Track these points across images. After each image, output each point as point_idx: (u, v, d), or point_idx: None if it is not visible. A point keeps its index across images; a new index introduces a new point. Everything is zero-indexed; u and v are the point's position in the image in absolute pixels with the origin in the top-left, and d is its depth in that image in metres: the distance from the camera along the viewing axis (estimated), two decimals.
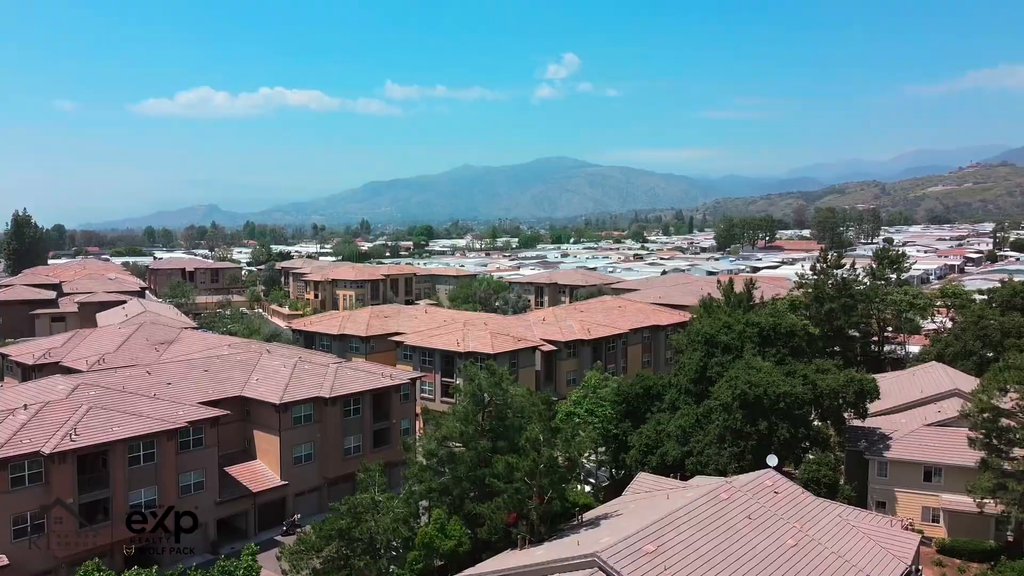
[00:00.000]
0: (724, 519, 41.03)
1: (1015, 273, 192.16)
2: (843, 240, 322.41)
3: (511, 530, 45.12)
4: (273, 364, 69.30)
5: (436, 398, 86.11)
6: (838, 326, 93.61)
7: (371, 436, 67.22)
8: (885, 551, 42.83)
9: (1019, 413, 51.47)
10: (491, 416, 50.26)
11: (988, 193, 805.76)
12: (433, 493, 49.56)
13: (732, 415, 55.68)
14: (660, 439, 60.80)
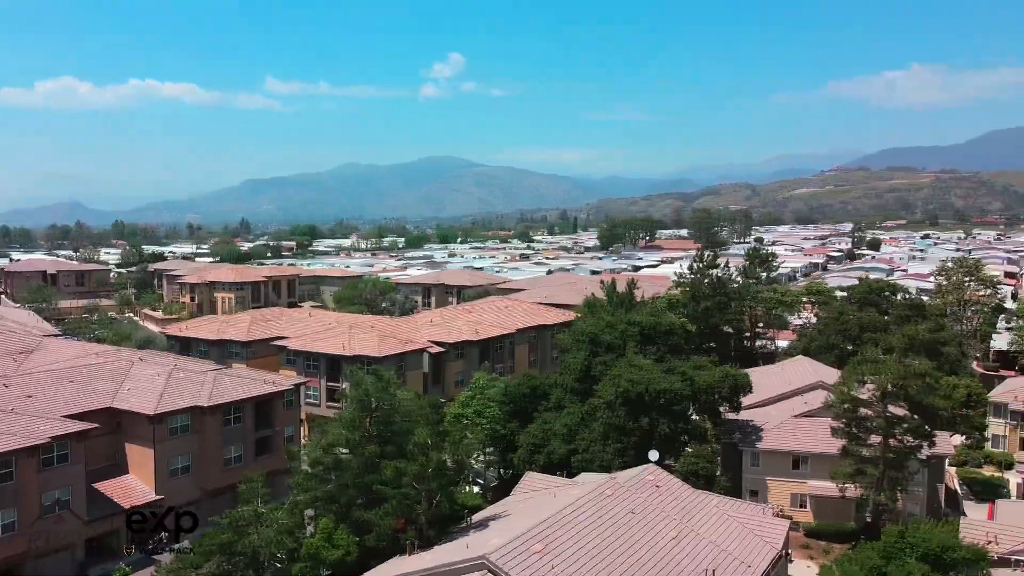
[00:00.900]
0: (609, 515, 42.20)
1: (871, 271, 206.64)
2: (718, 240, 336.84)
3: (400, 536, 44.79)
4: (146, 372, 65.94)
5: (322, 403, 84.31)
6: (714, 323, 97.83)
7: (253, 445, 65.10)
8: (758, 538, 45.20)
9: (876, 403, 55.47)
10: (378, 421, 49.71)
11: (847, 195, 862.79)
12: (319, 502, 48.55)
13: (616, 412, 57.26)
14: (547, 438, 61.81)
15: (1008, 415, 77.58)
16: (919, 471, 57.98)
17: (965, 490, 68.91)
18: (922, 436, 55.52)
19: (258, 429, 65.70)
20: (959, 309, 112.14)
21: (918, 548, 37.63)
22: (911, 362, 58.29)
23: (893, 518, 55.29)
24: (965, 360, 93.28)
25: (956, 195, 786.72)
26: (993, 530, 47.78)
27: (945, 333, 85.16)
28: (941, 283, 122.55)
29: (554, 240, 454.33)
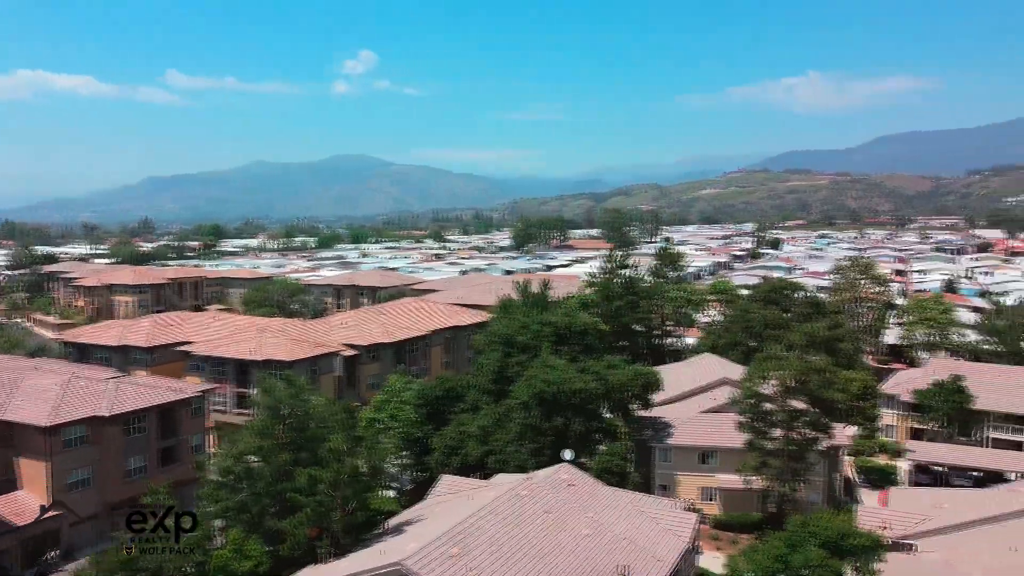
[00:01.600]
0: (525, 515, 42.60)
1: (773, 269, 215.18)
2: (628, 239, 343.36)
3: (314, 544, 44.01)
4: (41, 382, 62.61)
5: (230, 410, 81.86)
6: (625, 322, 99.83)
7: (158, 455, 62.78)
8: (669, 532, 46.44)
9: (778, 398, 57.82)
10: (291, 428, 48.68)
11: (750, 196, 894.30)
12: (230, 512, 47.19)
13: (530, 413, 57.79)
14: (462, 440, 61.85)
15: (898, 406, 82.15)
16: (818, 462, 60.69)
17: (861, 478, 72.61)
18: (821, 428, 58.21)
19: (163, 438, 63.36)
20: (854, 306, 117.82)
21: (819, 537, 39.49)
22: (811, 358, 61.13)
23: (795, 508, 57.78)
24: (859, 354, 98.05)
25: (850, 197, 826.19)
26: (886, 516, 50.64)
27: (841, 330, 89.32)
28: (837, 281, 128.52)
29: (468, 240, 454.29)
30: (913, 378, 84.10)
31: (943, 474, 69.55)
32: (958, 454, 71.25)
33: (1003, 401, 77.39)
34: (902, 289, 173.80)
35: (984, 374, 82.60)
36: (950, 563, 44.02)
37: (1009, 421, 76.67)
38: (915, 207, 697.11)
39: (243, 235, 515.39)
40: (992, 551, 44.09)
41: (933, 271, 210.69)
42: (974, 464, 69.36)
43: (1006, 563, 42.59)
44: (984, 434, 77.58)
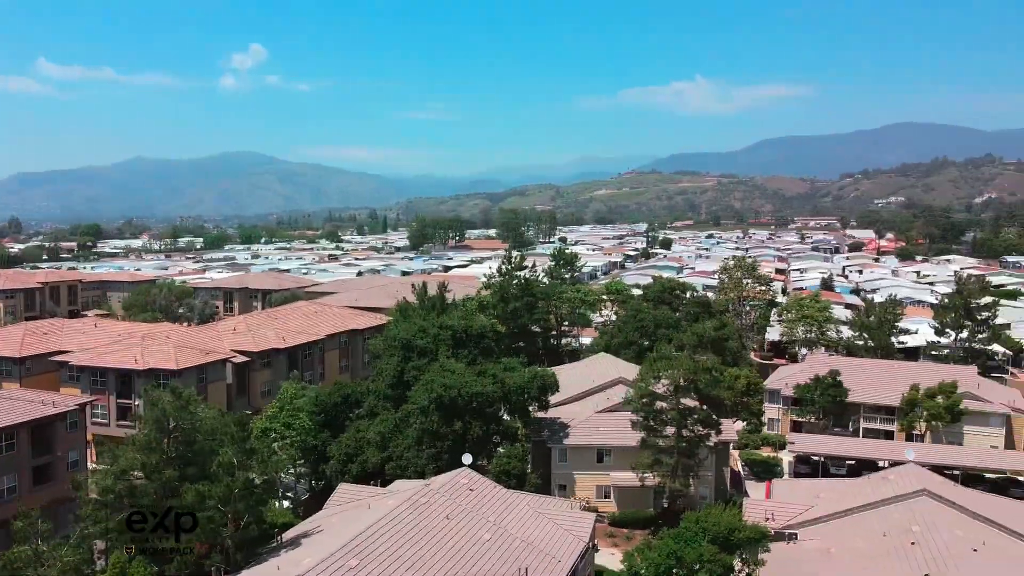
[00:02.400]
0: (424, 522, 42.36)
1: (664, 269, 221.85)
2: (525, 239, 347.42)
3: (204, 562, 42.37)
4: None
5: (111, 423, 77.69)
6: (522, 323, 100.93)
7: (30, 474, 58.81)
8: (567, 532, 47.19)
9: (670, 397, 59.71)
10: (178, 442, 46.62)
11: (642, 196, 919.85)
12: (112, 533, 44.71)
13: (429, 418, 57.56)
14: (360, 446, 60.97)
15: (781, 400, 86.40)
16: (708, 457, 63.10)
17: (747, 471, 75.90)
18: (711, 425, 60.51)
19: (36, 456, 59.42)
20: (739, 305, 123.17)
21: (709, 532, 41.06)
22: (700, 358, 63.43)
23: (687, 503, 59.89)
24: (744, 351, 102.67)
25: (735, 198, 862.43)
26: (770, 507, 53.10)
27: (728, 330, 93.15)
28: (724, 281, 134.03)
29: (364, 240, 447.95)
30: (794, 373, 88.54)
31: (821, 464, 73.55)
32: (834, 444, 75.55)
33: (874, 393, 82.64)
34: (783, 287, 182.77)
35: (857, 368, 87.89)
36: (828, 550, 46.61)
37: (879, 412, 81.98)
38: (794, 208, 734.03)
39: (124, 235, 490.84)
40: (866, 537, 46.98)
41: (811, 270, 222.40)
42: (849, 453, 73.73)
43: (878, 548, 45.44)
44: (857, 424, 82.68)
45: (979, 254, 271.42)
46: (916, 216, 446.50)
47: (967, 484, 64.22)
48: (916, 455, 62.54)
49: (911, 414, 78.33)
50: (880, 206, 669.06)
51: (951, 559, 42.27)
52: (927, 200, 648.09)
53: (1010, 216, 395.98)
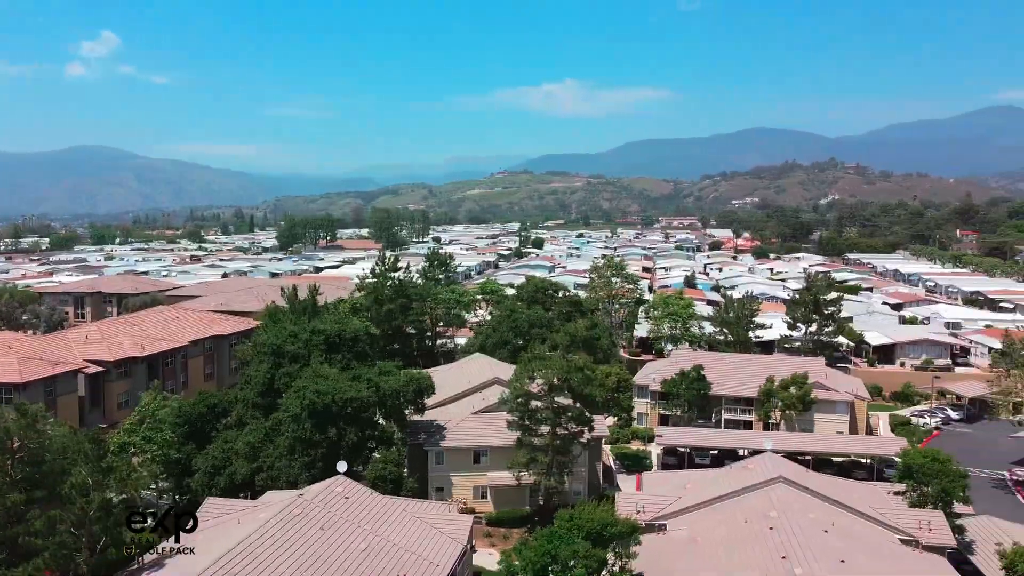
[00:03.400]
0: (299, 535, 41.21)
1: (536, 268, 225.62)
2: (398, 239, 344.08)
3: None
4: None
5: None
6: (397, 325, 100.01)
7: None
8: (445, 536, 47.16)
9: (544, 396, 60.75)
10: (23, 463, 43.15)
11: (514, 196, 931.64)
12: None
13: (302, 425, 55.99)
14: (228, 458, 58.56)
15: (649, 395, 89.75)
16: (581, 453, 64.67)
17: (618, 465, 78.39)
18: (584, 422, 62.02)
19: None
20: (608, 303, 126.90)
21: (583, 529, 42.09)
22: (573, 357, 64.85)
23: (562, 499, 61.12)
24: (614, 349, 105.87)
25: (603, 198, 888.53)
26: (641, 500, 55.05)
27: (599, 329, 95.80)
28: (594, 280, 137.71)
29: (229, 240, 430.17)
30: (660, 369, 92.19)
31: (687, 455, 76.98)
32: (699, 436, 79.26)
33: (734, 386, 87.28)
34: (649, 285, 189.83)
35: (719, 362, 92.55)
36: (695, 539, 48.87)
37: (739, 403, 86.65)
38: (659, 208, 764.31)
39: None
40: (728, 524, 49.55)
41: (675, 268, 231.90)
42: (712, 444, 77.58)
43: (740, 534, 48.04)
44: (720, 416, 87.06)
45: (825, 252, 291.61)
46: (769, 216, 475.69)
47: (817, 468, 68.94)
48: (772, 443, 66.50)
49: (767, 404, 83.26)
50: (737, 206, 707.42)
51: (805, 541, 45.23)
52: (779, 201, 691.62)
53: (851, 216, 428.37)
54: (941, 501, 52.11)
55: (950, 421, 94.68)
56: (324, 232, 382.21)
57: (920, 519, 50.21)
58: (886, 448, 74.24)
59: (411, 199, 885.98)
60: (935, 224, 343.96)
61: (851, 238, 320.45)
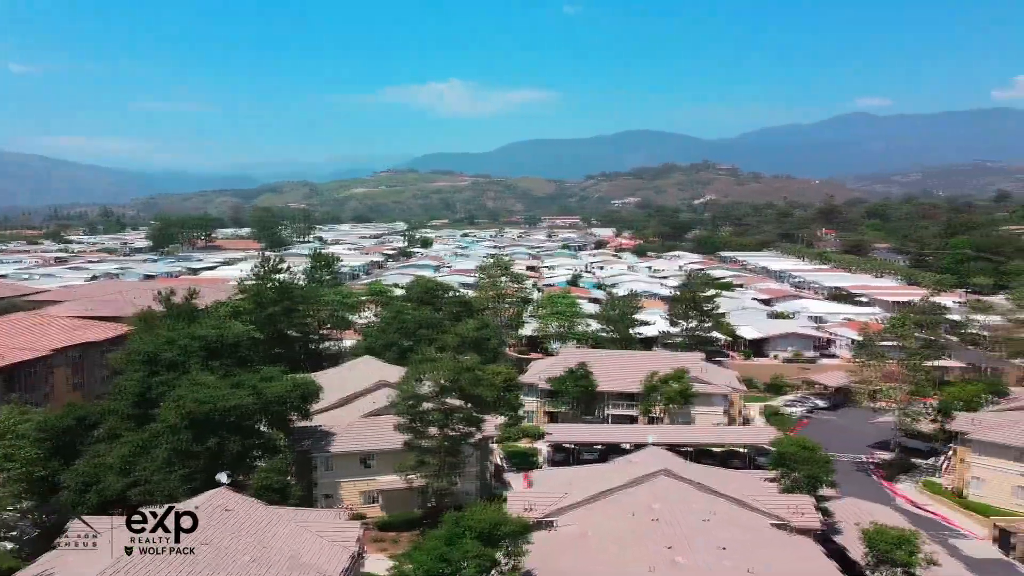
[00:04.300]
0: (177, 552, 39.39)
1: (424, 268, 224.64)
2: (280, 239, 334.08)
3: None
4: None
5: None
6: (280, 328, 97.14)
7: None
8: (334, 543, 46.27)
9: (434, 398, 60.61)
10: None
11: (400, 195, 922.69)
12: None
13: (180, 436, 53.60)
14: (99, 473, 55.26)
15: (537, 393, 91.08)
16: (472, 454, 64.93)
17: (507, 463, 79.15)
18: (474, 423, 62.30)
19: None
20: (496, 303, 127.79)
21: (474, 530, 42.28)
22: (462, 358, 64.99)
23: (453, 500, 61.10)
24: (503, 348, 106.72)
25: (489, 197, 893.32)
26: (531, 497, 55.85)
27: (488, 330, 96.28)
28: (481, 279, 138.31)
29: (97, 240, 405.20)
30: (548, 367, 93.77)
31: (575, 451, 78.60)
32: (585, 432, 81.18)
33: (618, 382, 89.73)
34: (536, 284, 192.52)
35: (603, 359, 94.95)
36: (584, 533, 50.03)
37: (623, 399, 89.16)
38: (543, 207, 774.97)
39: None
40: (615, 517, 51.03)
41: (560, 267, 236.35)
42: (598, 439, 79.60)
43: (626, 527, 49.55)
44: (605, 411, 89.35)
45: (701, 250, 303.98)
46: (650, 216, 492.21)
47: (697, 459, 71.95)
48: (655, 437, 68.97)
49: (650, 399, 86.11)
50: (619, 206, 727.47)
51: (687, 530, 47.18)
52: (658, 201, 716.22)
53: (724, 216, 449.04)
54: (810, 486, 55.46)
55: (816, 409, 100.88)
56: (201, 232, 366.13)
57: (791, 504, 53.31)
58: (760, 437, 78.33)
59: (293, 197, 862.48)
60: (801, 223, 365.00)
61: (725, 237, 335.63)
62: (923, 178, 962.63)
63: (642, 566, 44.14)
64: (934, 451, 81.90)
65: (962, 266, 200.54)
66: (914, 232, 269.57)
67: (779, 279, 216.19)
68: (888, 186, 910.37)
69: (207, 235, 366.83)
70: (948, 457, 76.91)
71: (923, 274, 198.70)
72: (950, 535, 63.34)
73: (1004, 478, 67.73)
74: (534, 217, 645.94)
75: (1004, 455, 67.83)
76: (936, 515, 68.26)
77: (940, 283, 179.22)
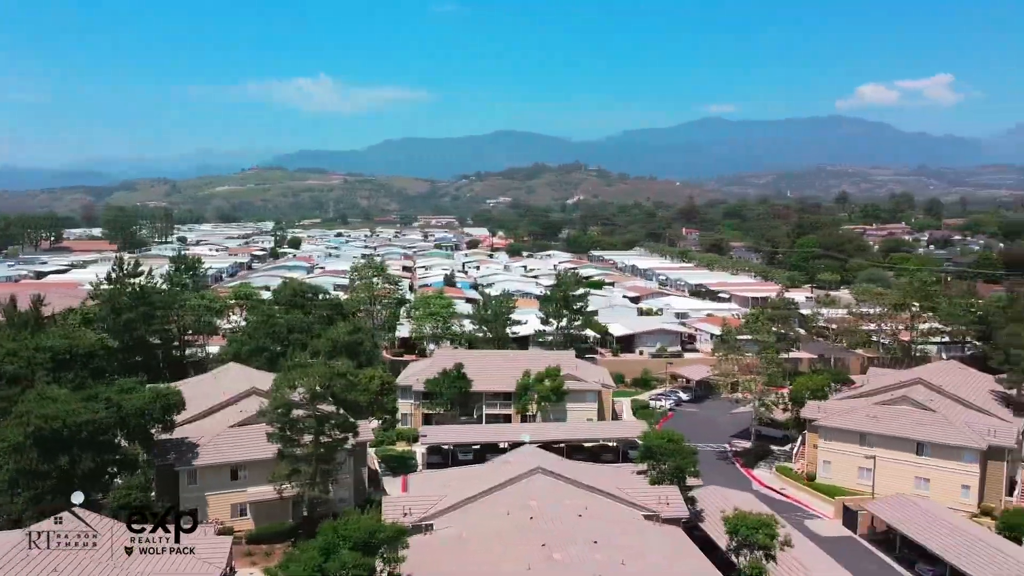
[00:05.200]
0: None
1: (294, 269, 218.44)
2: (137, 240, 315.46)
3: None
4: None
5: None
6: (139, 336, 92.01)
7: None
8: (202, 561, 44.33)
9: (307, 404, 59.05)
10: None
11: (267, 194, 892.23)
12: None
13: (26, 455, 49.79)
14: None
15: (412, 395, 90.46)
16: (346, 460, 63.73)
17: (384, 468, 78.25)
18: (348, 429, 61.12)
19: None
20: (370, 304, 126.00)
21: (350, 539, 41.53)
22: (335, 363, 63.72)
23: (327, 509, 59.83)
24: (377, 351, 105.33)
25: (361, 196, 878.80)
26: (407, 502, 55.45)
27: (361, 334, 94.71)
28: (355, 281, 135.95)
29: None
30: (423, 368, 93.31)
31: (451, 452, 78.67)
32: (461, 433, 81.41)
33: (493, 381, 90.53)
34: (410, 285, 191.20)
35: (479, 359, 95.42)
36: (461, 535, 50.18)
37: (498, 398, 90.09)
38: (417, 207, 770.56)
39: None
40: (493, 517, 51.48)
41: (435, 267, 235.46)
42: (474, 439, 80.00)
43: (504, 526, 50.11)
44: (481, 411, 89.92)
45: (572, 249, 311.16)
46: (522, 215, 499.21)
47: (571, 455, 73.74)
48: (530, 435, 70.04)
49: (524, 397, 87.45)
50: (491, 206, 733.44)
51: (562, 526, 48.29)
52: (530, 201, 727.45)
53: (594, 216, 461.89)
54: (676, 477, 57.97)
55: (681, 402, 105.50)
56: (47, 232, 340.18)
57: (659, 495, 55.56)
58: (629, 431, 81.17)
59: (151, 195, 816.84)
60: (665, 223, 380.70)
61: (594, 236, 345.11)
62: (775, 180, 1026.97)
63: (519, 565, 44.77)
64: (788, 438, 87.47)
65: (810, 263, 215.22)
66: (768, 232, 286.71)
67: (646, 277, 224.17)
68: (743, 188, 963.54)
69: (54, 235, 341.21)
70: (800, 443, 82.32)
71: (776, 271, 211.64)
72: (803, 516, 67.87)
73: (849, 460, 73.22)
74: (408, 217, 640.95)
75: (848, 439, 73.37)
76: (790, 498, 72.96)
77: (791, 280, 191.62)
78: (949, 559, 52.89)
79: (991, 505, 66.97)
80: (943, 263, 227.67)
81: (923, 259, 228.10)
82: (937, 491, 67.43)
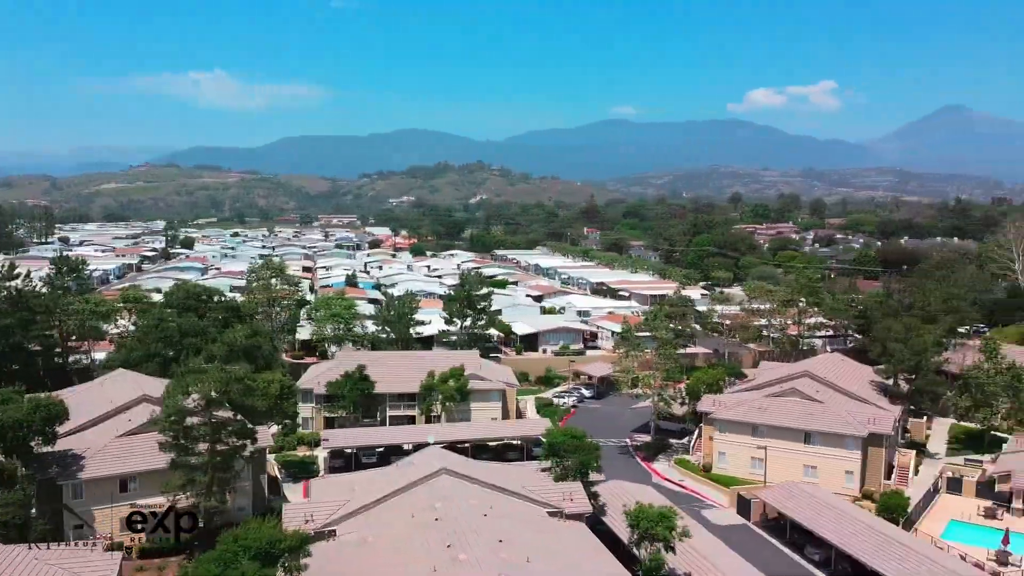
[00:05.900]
0: None
1: (187, 270, 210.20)
2: (14, 240, 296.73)
3: None
4: None
5: None
6: (16, 343, 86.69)
7: None
8: None
9: (202, 411, 56.90)
10: None
11: (159, 192, 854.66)
12: None
13: None
14: None
15: (314, 399, 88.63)
16: (244, 468, 61.77)
17: (284, 474, 76.30)
18: (246, 435, 59.26)
19: None
20: (269, 306, 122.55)
21: (250, 549, 40.28)
22: (232, 368, 61.63)
23: (225, 519, 57.78)
24: (276, 354, 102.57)
25: (259, 195, 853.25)
26: (309, 508, 54.30)
27: (260, 337, 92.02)
28: (252, 283, 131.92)
29: None
30: (325, 371, 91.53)
31: (354, 456, 77.43)
32: (365, 436, 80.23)
33: (397, 383, 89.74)
34: (311, 286, 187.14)
35: (382, 360, 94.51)
36: (365, 540, 49.49)
37: (403, 400, 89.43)
38: (317, 206, 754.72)
39: None
40: (397, 521, 50.99)
41: (336, 267, 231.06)
42: (378, 442, 79.01)
43: (409, 529, 49.69)
44: (385, 414, 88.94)
45: (476, 248, 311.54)
46: (425, 215, 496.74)
47: (476, 455, 73.84)
48: (435, 436, 69.80)
49: (429, 398, 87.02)
50: (394, 205, 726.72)
51: (467, 527, 48.25)
52: (433, 200, 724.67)
53: (497, 215, 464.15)
54: (580, 473, 58.90)
55: (584, 399, 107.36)
56: None
57: (563, 491, 56.35)
58: (533, 429, 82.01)
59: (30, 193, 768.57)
60: (567, 222, 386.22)
61: (498, 235, 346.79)
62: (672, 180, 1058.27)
63: (424, 567, 44.49)
64: (686, 431, 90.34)
65: (704, 261, 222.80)
66: (665, 231, 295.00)
67: (548, 276, 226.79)
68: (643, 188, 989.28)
69: None
70: (697, 436, 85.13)
71: (673, 269, 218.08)
72: (700, 506, 70.25)
73: (743, 451, 76.27)
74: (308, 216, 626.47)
75: (741, 431, 76.42)
76: (688, 489, 75.39)
77: (687, 277, 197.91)
78: (834, 542, 55.88)
79: (871, 489, 71.06)
80: (827, 261, 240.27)
81: (809, 257, 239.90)
82: (824, 478, 71.06)
